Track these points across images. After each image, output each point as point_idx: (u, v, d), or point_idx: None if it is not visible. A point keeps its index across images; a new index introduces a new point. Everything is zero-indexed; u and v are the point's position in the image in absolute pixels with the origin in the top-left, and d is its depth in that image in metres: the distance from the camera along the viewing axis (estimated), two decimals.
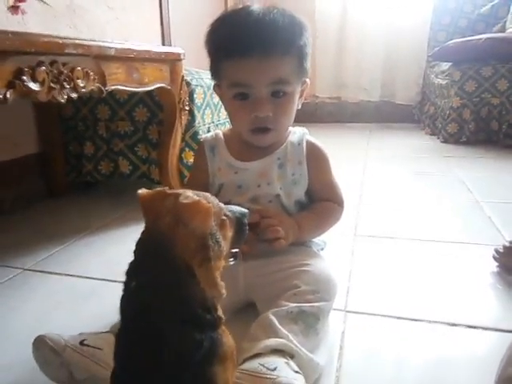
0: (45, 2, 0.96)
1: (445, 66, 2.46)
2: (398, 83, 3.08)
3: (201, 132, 1.46)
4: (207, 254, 0.39)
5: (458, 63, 2.31)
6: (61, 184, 1.57)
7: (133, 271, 0.41)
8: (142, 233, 0.42)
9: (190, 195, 0.40)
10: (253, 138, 0.76)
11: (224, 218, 0.45)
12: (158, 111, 1.45)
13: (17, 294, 0.90)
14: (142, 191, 0.43)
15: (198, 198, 0.40)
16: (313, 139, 0.82)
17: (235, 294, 0.73)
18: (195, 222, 0.38)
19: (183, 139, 1.42)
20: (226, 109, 0.81)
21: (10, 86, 0.71)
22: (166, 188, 0.43)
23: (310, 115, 3.16)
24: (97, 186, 1.66)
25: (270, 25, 0.69)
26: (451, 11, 2.81)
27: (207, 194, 0.45)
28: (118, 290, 0.88)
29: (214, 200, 0.45)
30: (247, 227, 0.51)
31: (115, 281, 0.94)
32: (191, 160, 1.44)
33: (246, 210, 0.52)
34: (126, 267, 0.91)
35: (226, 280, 0.69)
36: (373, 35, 3.02)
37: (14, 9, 0.99)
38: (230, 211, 0.49)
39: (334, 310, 0.76)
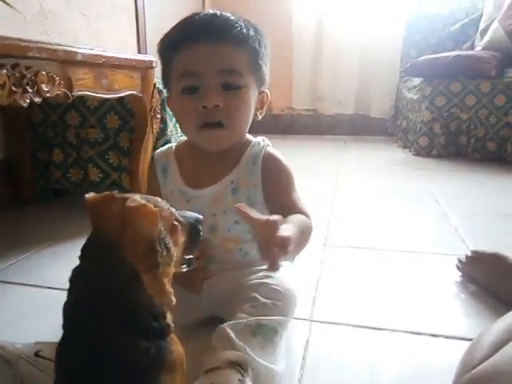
0: (10, 6, 0.94)
1: (416, 81, 2.53)
2: (373, 97, 3.15)
3: (173, 140, 1.45)
4: (155, 259, 0.38)
5: (428, 79, 2.38)
6: (28, 192, 1.53)
7: (77, 276, 0.40)
8: (88, 237, 0.41)
9: (137, 199, 0.39)
10: (202, 137, 0.68)
11: (175, 223, 0.44)
12: (130, 118, 1.43)
13: None
14: (89, 195, 0.43)
15: (144, 201, 0.39)
16: (273, 151, 0.74)
17: (199, 308, 0.72)
18: (142, 226, 0.37)
19: (155, 147, 1.41)
20: (174, 114, 0.75)
21: None
22: (115, 192, 0.42)
23: (286, 127, 3.19)
24: (66, 194, 1.62)
25: (220, 17, 0.66)
26: (423, 28, 2.90)
27: (157, 199, 0.44)
28: None
29: (165, 204, 0.44)
30: (201, 233, 0.50)
31: None
32: None
33: (201, 216, 0.51)
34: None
35: (188, 294, 0.68)
36: (348, 49, 3.09)
37: None
38: (183, 216, 0.48)
39: (298, 319, 0.76)
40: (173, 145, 0.79)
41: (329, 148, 2.81)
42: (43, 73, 0.84)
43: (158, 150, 0.81)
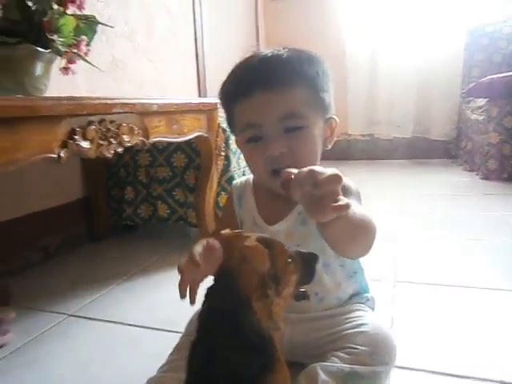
0: (92, 65, 1.04)
1: (481, 101, 2.43)
2: (432, 119, 3.05)
3: (236, 176, 1.50)
4: (264, 290, 0.44)
5: (494, 99, 2.28)
6: (103, 228, 1.63)
7: (207, 295, 0.47)
8: (220, 265, 0.48)
9: (252, 239, 0.47)
10: (273, 183, 0.67)
11: (289, 260, 0.49)
12: (195, 157, 1.50)
13: (61, 340, 0.93)
14: (224, 231, 0.50)
15: (256, 243, 0.46)
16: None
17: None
18: (255, 263, 0.44)
19: (219, 183, 1.46)
20: (245, 160, 0.75)
21: (64, 145, 0.76)
22: (242, 230, 0.50)
23: (342, 152, 3.17)
24: (136, 229, 1.71)
25: (271, 59, 0.65)
26: (484, 47, 2.80)
27: (273, 239, 0.49)
28: (154, 338, 0.90)
29: (280, 244, 0.50)
30: (315, 270, 0.54)
31: (152, 328, 0.96)
32: None
33: (316, 254, 0.55)
34: (162, 314, 0.91)
35: None
36: (404, 72, 3.04)
37: (65, 70, 1.07)
38: (299, 254, 0.52)
39: None
40: (250, 177, 0.80)
41: (388, 173, 2.74)
42: (124, 125, 0.92)
43: (235, 181, 0.84)
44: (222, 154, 1.42)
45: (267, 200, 0.74)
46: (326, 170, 0.46)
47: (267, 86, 0.63)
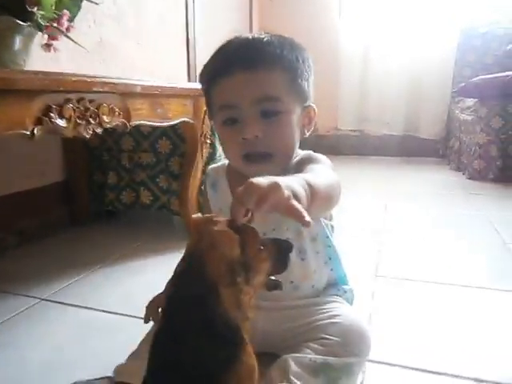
0: (74, 41, 1.00)
1: (470, 101, 2.43)
2: (422, 118, 3.06)
3: (219, 163, 1.47)
4: (233, 278, 0.42)
5: (484, 99, 2.29)
6: (83, 212, 1.60)
7: (174, 277, 0.45)
8: (187, 248, 0.46)
9: (224, 224, 0.45)
10: (246, 168, 0.66)
11: (261, 247, 0.47)
12: (181, 143, 1.47)
13: (34, 325, 0.90)
14: (196, 215, 0.49)
15: (226, 228, 0.44)
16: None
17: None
18: (223, 248, 0.43)
19: (204, 171, 1.44)
20: (220, 143, 0.74)
21: (38, 122, 0.73)
22: (215, 215, 0.48)
23: (331, 147, 3.16)
24: (118, 214, 1.68)
25: (252, 42, 0.65)
26: (477, 48, 2.80)
27: (247, 225, 0.47)
28: (132, 326, 0.88)
29: (252, 231, 0.47)
30: (289, 258, 0.52)
31: (130, 315, 0.93)
32: None
33: (291, 242, 0.53)
34: (142, 301, 0.90)
35: None
36: (396, 70, 3.04)
37: (47, 47, 1.03)
38: (273, 241, 0.50)
39: None
40: (226, 162, 0.78)
41: (376, 170, 2.75)
42: (104, 105, 0.88)
43: (210, 166, 0.81)
44: (208, 141, 1.40)
45: (241, 184, 0.73)
46: (262, 182, 0.43)
47: (245, 67, 0.62)
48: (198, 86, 1.32)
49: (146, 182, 1.53)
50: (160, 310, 0.67)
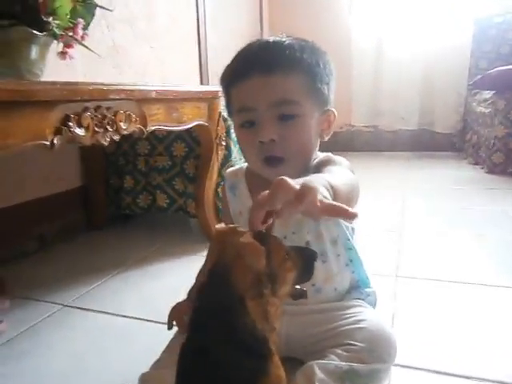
0: (89, 49, 1.01)
1: (487, 94, 2.38)
2: (437, 111, 3.01)
3: (237, 166, 1.47)
4: (260, 289, 0.42)
5: (501, 91, 2.23)
6: (101, 216, 1.61)
7: (199, 292, 0.45)
8: (212, 261, 0.46)
9: (248, 235, 0.44)
10: (265, 171, 0.66)
11: (285, 257, 0.47)
12: (196, 146, 1.47)
13: (56, 331, 0.92)
14: (219, 226, 0.48)
15: (252, 239, 0.43)
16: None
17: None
18: (250, 260, 0.42)
19: (219, 173, 1.44)
20: (239, 146, 0.74)
21: (57, 132, 0.74)
22: (237, 226, 0.47)
23: (345, 144, 3.13)
24: (135, 218, 1.69)
25: (271, 45, 0.65)
26: (492, 38, 2.74)
27: (270, 235, 0.46)
28: (151, 331, 0.89)
29: (277, 240, 0.47)
30: (314, 267, 0.51)
31: (149, 320, 0.94)
32: None
33: (314, 251, 0.52)
34: (160, 305, 0.90)
35: None
36: (410, 63, 2.99)
37: (63, 54, 1.04)
38: (297, 251, 0.49)
39: None
40: (244, 165, 0.78)
41: (392, 165, 2.71)
42: (121, 112, 0.89)
43: (228, 169, 0.81)
44: (223, 143, 1.39)
45: (261, 187, 0.71)
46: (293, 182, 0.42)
47: (264, 70, 0.62)
48: (212, 88, 1.33)
49: (162, 185, 1.53)
50: (185, 318, 0.67)
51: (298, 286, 0.50)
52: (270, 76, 0.62)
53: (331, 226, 0.71)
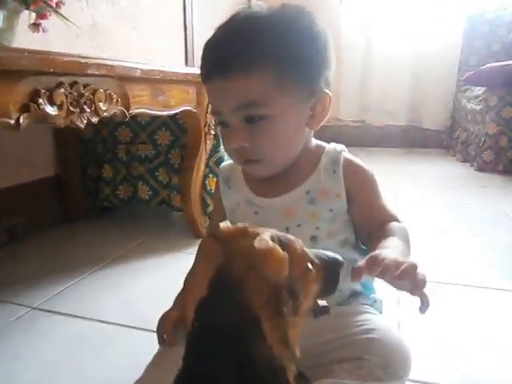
0: (68, 21, 0.89)
1: (478, 90, 2.35)
2: (426, 108, 2.97)
3: (226, 157, 1.37)
4: (279, 307, 0.34)
5: (493, 88, 2.20)
6: (77, 208, 1.49)
7: (200, 309, 0.36)
8: (216, 268, 0.37)
9: (265, 239, 0.35)
10: (247, 169, 0.63)
11: (309, 267, 0.38)
12: (182, 134, 1.37)
13: (24, 338, 0.81)
14: (223, 225, 0.39)
15: (272, 244, 0.34)
16: (351, 157, 0.65)
17: None
18: (267, 271, 0.34)
19: (207, 165, 1.34)
20: None
21: (24, 109, 0.63)
22: (247, 226, 0.39)
23: (331, 138, 3.03)
24: (114, 210, 1.57)
25: (239, 33, 0.55)
26: (484, 35, 2.71)
27: (291, 238, 0.38)
28: (132, 338, 0.79)
29: (298, 244, 0.38)
30: (339, 278, 0.43)
31: (130, 326, 0.84)
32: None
33: (340, 258, 0.43)
34: (142, 310, 0.80)
35: None
36: (400, 58, 2.94)
37: (35, 26, 0.92)
38: (320, 258, 0.41)
39: None
40: None
41: (381, 162, 2.65)
42: (101, 90, 0.78)
43: (224, 163, 0.74)
44: (212, 132, 1.30)
45: (262, 177, 0.65)
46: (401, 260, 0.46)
47: (221, 73, 0.54)
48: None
49: (145, 175, 1.42)
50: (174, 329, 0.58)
51: (321, 303, 0.41)
52: (228, 78, 0.54)
53: (344, 226, 0.63)
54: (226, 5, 2.75)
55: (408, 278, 0.44)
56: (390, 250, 0.51)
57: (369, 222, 0.63)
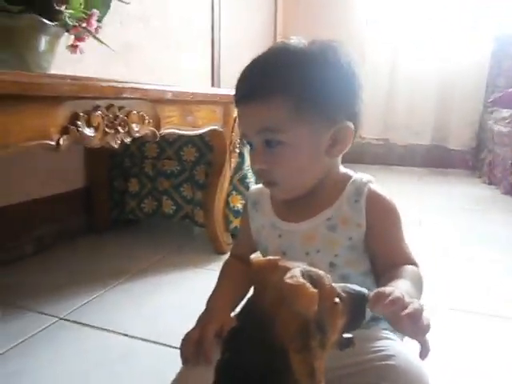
0: (103, 43, 0.93)
1: (506, 112, 2.31)
2: (452, 127, 2.94)
3: (249, 175, 1.39)
4: (308, 342, 0.35)
5: None
6: (103, 220, 1.53)
7: (229, 340, 0.37)
8: (248, 301, 0.39)
9: (296, 274, 0.36)
10: (271, 192, 0.68)
11: (337, 301, 0.39)
12: (207, 151, 1.40)
13: (50, 348, 0.84)
14: (255, 258, 0.42)
15: (302, 280, 0.35)
16: (377, 188, 0.66)
17: None
18: (297, 306, 0.35)
19: (231, 182, 1.36)
20: None
21: (64, 132, 0.66)
22: (279, 259, 0.40)
23: (354, 155, 3.04)
24: (138, 224, 1.61)
25: (260, 66, 0.61)
26: None
27: (320, 273, 0.39)
28: (152, 354, 0.81)
29: (326, 279, 0.39)
30: (365, 312, 0.44)
31: (152, 341, 0.86)
32: (238, 205, 1.37)
33: (366, 291, 0.44)
34: (163, 325, 0.80)
35: None
36: (426, 77, 2.92)
37: (73, 48, 0.97)
38: (346, 292, 0.42)
39: None
40: None
41: (403, 181, 2.63)
42: (134, 112, 0.81)
43: (254, 186, 0.77)
44: (237, 150, 1.32)
45: (289, 203, 0.67)
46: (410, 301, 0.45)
47: (245, 99, 0.61)
48: (228, 92, 1.26)
49: (169, 190, 1.46)
50: (194, 350, 0.59)
51: (346, 335, 0.41)
52: (250, 104, 0.60)
53: (364, 257, 0.64)
54: (251, 27, 2.82)
55: (412, 322, 0.44)
56: (397, 289, 0.49)
57: (384, 258, 0.64)
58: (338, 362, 0.59)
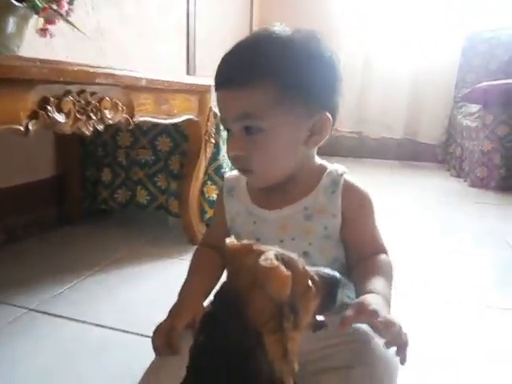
0: (75, 26, 0.91)
1: (474, 107, 2.39)
2: (423, 122, 3.01)
3: (225, 165, 1.39)
4: (281, 323, 0.35)
5: (489, 106, 2.24)
6: (75, 210, 1.50)
7: (203, 324, 0.38)
8: (222, 284, 0.39)
9: (270, 257, 0.36)
10: (247, 179, 0.68)
11: (310, 284, 0.40)
12: (182, 141, 1.39)
13: (20, 340, 0.82)
14: (230, 241, 0.40)
15: (276, 262, 0.35)
16: (351, 181, 0.67)
17: None
18: (271, 289, 0.35)
19: (206, 172, 1.36)
20: None
21: (33, 116, 0.64)
22: (253, 243, 0.40)
23: (328, 148, 3.05)
24: (112, 214, 1.58)
25: (244, 51, 0.61)
26: (482, 53, 2.76)
27: (293, 256, 0.40)
28: (127, 343, 0.80)
29: (300, 263, 0.40)
30: (337, 295, 0.44)
31: (127, 331, 0.85)
32: (213, 195, 1.36)
33: (338, 275, 0.45)
34: (138, 315, 0.80)
35: None
36: (399, 72, 2.98)
37: (43, 31, 0.94)
38: (319, 275, 0.42)
39: None
40: None
41: (375, 174, 2.68)
42: (107, 99, 0.80)
43: (229, 173, 0.77)
44: (212, 140, 1.31)
45: (265, 191, 0.67)
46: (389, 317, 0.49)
47: (227, 84, 0.60)
48: (204, 81, 1.25)
49: (143, 180, 1.44)
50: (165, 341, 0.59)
51: (319, 318, 0.42)
52: (231, 89, 0.59)
53: (337, 245, 0.65)
54: (227, 16, 2.79)
55: (393, 339, 0.48)
56: (376, 297, 0.53)
57: (358, 247, 0.66)
58: (313, 344, 0.60)
